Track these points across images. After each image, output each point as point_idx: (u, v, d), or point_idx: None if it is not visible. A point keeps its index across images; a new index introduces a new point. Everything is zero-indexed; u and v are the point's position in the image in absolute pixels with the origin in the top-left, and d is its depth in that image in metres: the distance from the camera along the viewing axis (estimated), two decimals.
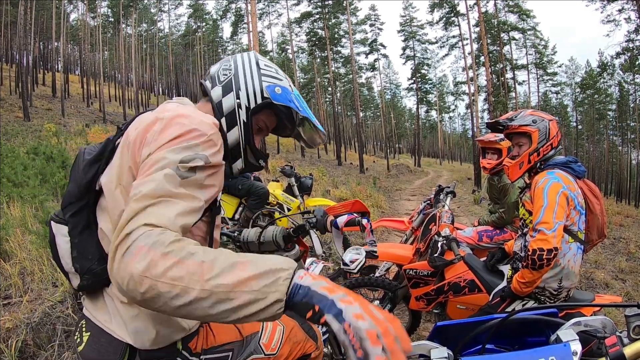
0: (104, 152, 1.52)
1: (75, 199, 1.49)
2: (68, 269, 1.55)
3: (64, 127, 24.33)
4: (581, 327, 1.18)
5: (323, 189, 15.42)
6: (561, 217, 2.69)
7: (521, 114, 3.09)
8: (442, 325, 1.34)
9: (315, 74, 53.37)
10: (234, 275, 1.01)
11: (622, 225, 19.44)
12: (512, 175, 3.18)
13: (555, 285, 2.86)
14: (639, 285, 9.29)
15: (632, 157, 59.26)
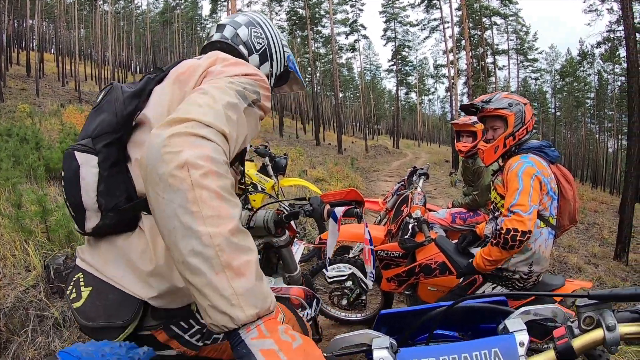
0: (145, 89, 1.49)
1: (112, 129, 1.42)
2: (89, 204, 1.42)
3: (39, 108, 23.76)
4: (530, 316, 1.15)
5: (300, 169, 15.36)
6: (536, 201, 2.69)
7: (496, 96, 3.06)
8: (386, 313, 1.28)
9: (295, 54, 52.80)
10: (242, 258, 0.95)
11: (597, 211, 19.75)
12: (486, 159, 3.16)
13: (525, 270, 2.88)
14: (610, 270, 9.44)
15: (609, 145, 60.13)
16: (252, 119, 1.28)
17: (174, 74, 1.47)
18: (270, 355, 0.88)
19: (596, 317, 1.06)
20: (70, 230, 4.69)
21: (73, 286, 1.48)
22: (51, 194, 7.07)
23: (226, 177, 1.00)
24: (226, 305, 0.91)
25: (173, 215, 0.94)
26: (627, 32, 11.49)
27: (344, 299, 4.18)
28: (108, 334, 1.37)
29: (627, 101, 11.59)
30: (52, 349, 3.44)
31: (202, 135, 1.00)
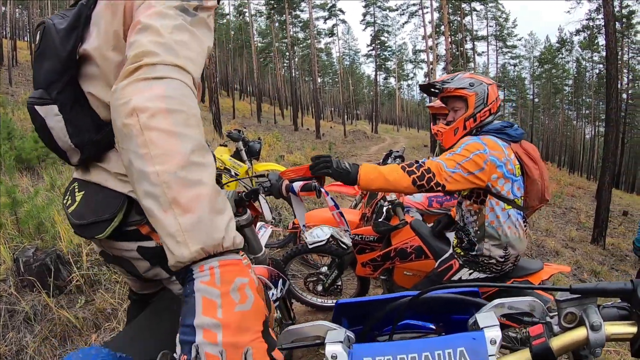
0: (80, 19, 1.41)
1: (58, 74, 1.41)
2: (67, 147, 1.50)
3: (12, 97, 23.23)
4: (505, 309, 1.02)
5: (277, 154, 15.29)
6: (467, 169, 2.57)
7: (458, 76, 2.92)
8: (343, 303, 1.18)
9: (274, 39, 52.59)
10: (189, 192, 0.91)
11: (574, 195, 20.03)
12: (445, 142, 3.01)
13: (501, 253, 2.79)
14: (588, 254, 9.56)
15: (586, 131, 61.06)
16: (202, 26, 1.22)
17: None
18: (210, 307, 0.85)
19: (579, 314, 0.94)
20: (40, 222, 4.60)
21: (69, 195, 1.61)
22: (22, 185, 6.95)
23: (181, 111, 0.97)
24: (173, 243, 0.89)
25: (129, 163, 0.94)
26: (606, 20, 11.58)
27: (319, 284, 4.14)
28: (97, 228, 1.45)
29: (606, 88, 11.71)
30: (24, 344, 3.37)
31: (153, 77, 0.98)
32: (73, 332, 3.53)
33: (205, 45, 1.20)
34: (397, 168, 2.56)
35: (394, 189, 2.60)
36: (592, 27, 38.32)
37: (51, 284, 3.76)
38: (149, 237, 1.55)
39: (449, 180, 2.55)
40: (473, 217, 2.86)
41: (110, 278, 4.12)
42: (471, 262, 2.91)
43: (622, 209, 18.08)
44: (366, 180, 2.52)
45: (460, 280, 2.95)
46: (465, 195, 2.90)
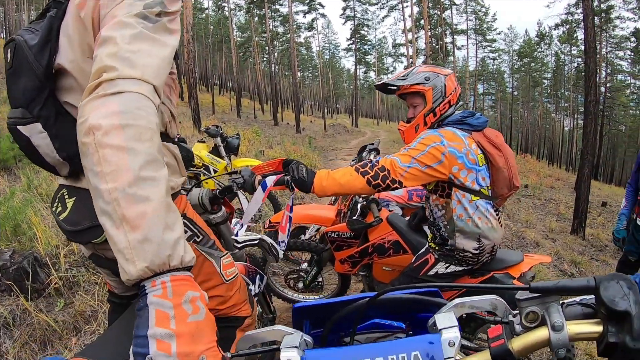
0: (51, 32, 1.39)
1: (37, 91, 1.39)
2: (55, 162, 1.50)
3: None
4: (465, 309, 1.00)
5: (257, 150, 15.22)
6: (424, 162, 2.54)
7: (413, 71, 2.87)
8: (300, 307, 1.18)
9: (253, 33, 52.26)
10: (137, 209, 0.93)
11: (553, 187, 20.18)
12: (407, 140, 2.93)
13: (475, 245, 2.75)
14: (568, 244, 9.64)
15: (565, 124, 61.67)
16: (163, 31, 1.22)
17: (73, 8, 1.36)
18: (162, 319, 0.86)
19: (541, 313, 0.90)
20: (17, 224, 4.52)
21: (58, 201, 1.61)
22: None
23: (133, 124, 0.98)
24: (122, 260, 0.92)
25: (88, 180, 0.97)
26: (585, 14, 11.66)
27: (300, 281, 4.13)
28: (93, 233, 1.47)
29: (584, 81, 11.81)
30: (3, 350, 3.32)
31: (111, 93, 1.00)
32: (53, 336, 3.49)
33: (167, 51, 1.20)
34: (351, 170, 2.56)
35: (350, 192, 2.60)
36: (571, 21, 38.75)
37: (29, 287, 3.72)
38: None
39: (404, 175, 2.53)
40: (441, 212, 2.83)
41: (90, 279, 4.08)
42: (446, 255, 2.88)
43: (600, 199, 18.25)
44: (320, 187, 2.52)
45: (437, 274, 2.92)
46: (431, 189, 2.87)
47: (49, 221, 5.14)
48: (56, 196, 1.65)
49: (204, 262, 1.81)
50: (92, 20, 1.29)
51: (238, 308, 1.99)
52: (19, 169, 8.54)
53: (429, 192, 2.90)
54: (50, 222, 5.11)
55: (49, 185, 6.79)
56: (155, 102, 1.09)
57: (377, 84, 3.05)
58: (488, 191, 2.77)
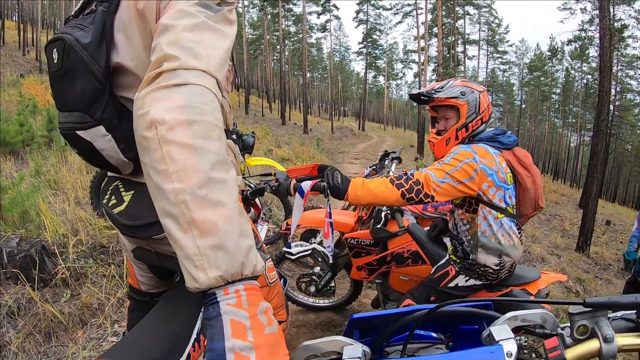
0: (105, 29, 1.28)
1: (99, 93, 1.29)
2: (120, 164, 1.42)
3: None
4: (518, 322, 1.06)
5: (265, 148, 15.24)
6: (456, 178, 2.53)
7: (449, 84, 2.84)
8: (358, 317, 1.19)
9: (265, 31, 52.55)
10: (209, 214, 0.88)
11: (558, 203, 20.25)
12: (437, 152, 2.93)
13: (496, 261, 2.75)
14: (572, 261, 9.65)
15: (571, 140, 61.77)
16: (224, 22, 1.17)
17: (128, 1, 1.27)
18: (239, 329, 0.83)
19: (591, 326, 0.97)
20: (25, 210, 4.47)
21: (111, 193, 1.54)
22: (6, 169, 6.80)
23: (200, 121, 0.93)
24: (191, 267, 0.87)
25: (148, 177, 0.93)
26: (602, 33, 11.64)
27: (312, 285, 4.09)
28: (156, 229, 1.41)
29: (598, 100, 11.80)
30: (7, 340, 3.27)
31: (173, 84, 0.95)
32: (58, 327, 3.44)
33: (228, 42, 1.14)
34: (386, 182, 2.53)
35: (383, 203, 2.57)
36: (584, 37, 38.77)
37: (36, 276, 3.66)
38: None
39: (437, 190, 2.52)
40: (466, 226, 2.81)
41: (97, 271, 4.02)
42: (467, 269, 2.87)
43: (605, 218, 18.34)
44: (354, 196, 2.51)
45: (457, 287, 2.90)
46: (457, 203, 2.85)
47: (56, 209, 5.10)
48: (107, 188, 1.59)
49: None
50: (154, 11, 1.21)
51: (275, 312, 1.93)
52: (27, 153, 8.52)
53: (455, 206, 2.88)
54: (58, 210, 5.07)
55: (57, 172, 6.76)
56: (219, 96, 1.03)
57: (412, 93, 3.02)
58: (513, 210, 2.76)
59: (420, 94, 2.92)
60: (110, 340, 3.41)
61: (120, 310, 3.70)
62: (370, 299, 4.54)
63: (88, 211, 5.26)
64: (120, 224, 1.48)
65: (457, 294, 2.89)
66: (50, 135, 9.37)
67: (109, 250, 4.32)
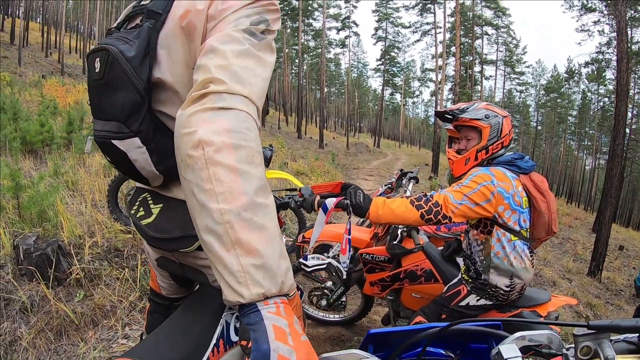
0: (150, 44, 1.32)
1: (139, 106, 1.32)
2: (151, 175, 1.47)
3: (20, 77, 23.35)
4: (525, 341, 1.11)
5: (281, 161, 15.30)
6: (474, 200, 2.60)
7: (474, 106, 2.92)
8: (375, 332, 1.26)
9: (284, 44, 52.86)
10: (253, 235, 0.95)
11: (571, 226, 20.07)
12: (455, 171, 3.00)
13: (507, 282, 2.78)
14: (584, 286, 9.57)
15: (587, 162, 61.35)
16: (267, 50, 1.23)
17: (174, 20, 1.32)
18: (281, 334, 0.89)
19: (594, 347, 1.02)
20: (42, 209, 4.54)
21: (140, 205, 1.61)
22: (25, 168, 6.89)
23: (246, 146, 1.00)
24: (234, 282, 0.93)
25: (191, 194, 0.99)
26: (619, 56, 11.62)
27: (324, 299, 4.11)
28: (184, 243, 1.46)
29: (614, 124, 11.76)
30: (18, 335, 3.31)
31: (219, 107, 1.01)
32: (70, 326, 3.47)
33: (268, 71, 1.20)
34: (406, 202, 2.61)
35: (403, 223, 2.65)
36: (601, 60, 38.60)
37: (51, 275, 3.70)
38: None
39: (455, 212, 2.58)
40: (479, 247, 2.85)
41: (111, 274, 4.06)
42: (478, 289, 2.90)
43: (618, 243, 18.16)
44: (375, 214, 2.59)
45: (468, 306, 2.94)
46: (472, 224, 2.90)
47: (73, 210, 5.16)
48: (136, 199, 1.65)
49: None
50: (201, 32, 1.27)
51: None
52: (46, 153, 8.62)
53: (470, 227, 2.93)
54: (75, 211, 5.13)
55: (75, 174, 6.82)
56: (258, 124, 1.10)
57: (437, 110, 3.09)
58: (527, 233, 2.80)
59: (446, 112, 2.99)
60: (121, 342, 3.44)
61: (132, 314, 3.74)
62: (380, 316, 4.55)
63: (105, 214, 5.32)
64: (147, 235, 1.53)
65: (468, 312, 2.93)
66: (69, 137, 9.47)
67: (123, 254, 4.37)
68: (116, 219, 5.28)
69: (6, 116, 9.16)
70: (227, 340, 1.84)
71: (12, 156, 6.84)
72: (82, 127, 10.50)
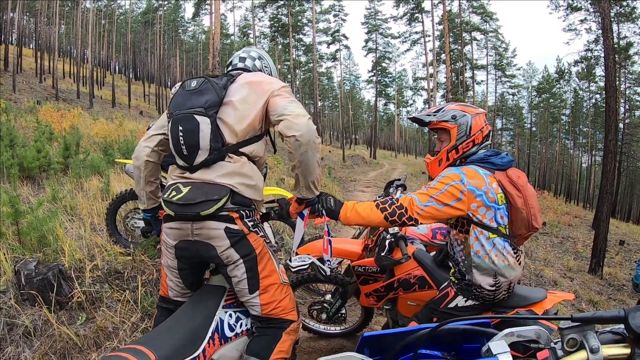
0: (227, 85, 2.50)
1: (216, 105, 2.41)
2: (204, 146, 2.38)
3: (15, 104, 23.31)
4: (514, 337, 1.17)
5: (277, 177, 15.30)
6: (441, 201, 2.66)
7: (443, 108, 3.00)
8: (369, 336, 1.32)
9: (276, 61, 52.86)
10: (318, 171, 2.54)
11: (571, 225, 20.02)
12: (431, 172, 3.11)
13: (490, 281, 2.78)
14: (585, 283, 9.55)
15: (583, 160, 61.29)
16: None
17: (245, 80, 2.57)
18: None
19: (579, 339, 1.10)
20: (42, 234, 4.57)
21: (172, 190, 2.41)
22: (24, 194, 6.91)
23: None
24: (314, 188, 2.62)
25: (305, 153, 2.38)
26: (606, 53, 11.71)
27: (324, 312, 4.15)
28: (205, 206, 2.26)
29: (605, 120, 11.82)
30: (22, 359, 3.33)
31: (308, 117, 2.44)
32: (73, 349, 3.49)
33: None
34: (372, 205, 2.78)
35: (369, 224, 2.87)
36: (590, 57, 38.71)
37: (52, 299, 3.72)
38: (235, 221, 2.35)
39: (421, 214, 2.68)
40: (460, 247, 2.89)
41: (112, 296, 4.07)
42: (464, 290, 2.93)
43: (618, 238, 18.12)
44: (344, 217, 2.82)
45: (457, 307, 2.96)
46: (452, 224, 2.95)
47: (72, 234, 5.18)
48: (170, 187, 2.44)
49: (269, 259, 2.55)
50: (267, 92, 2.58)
51: (287, 312, 2.56)
52: (44, 179, 8.65)
53: (450, 227, 2.98)
54: (75, 235, 5.16)
55: (73, 199, 6.86)
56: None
57: (410, 116, 3.20)
58: (506, 230, 2.82)
59: (415, 118, 3.14)
60: None
61: (134, 335, 3.75)
62: (380, 325, 4.57)
63: (104, 237, 5.35)
64: (176, 205, 2.31)
65: (458, 314, 2.94)
66: (66, 162, 9.58)
67: (124, 276, 4.38)
68: (115, 242, 5.31)
69: (3, 143, 9.19)
70: (221, 335, 2.37)
71: (11, 183, 6.86)
72: (78, 151, 10.57)
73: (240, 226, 2.36)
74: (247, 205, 2.44)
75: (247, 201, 2.43)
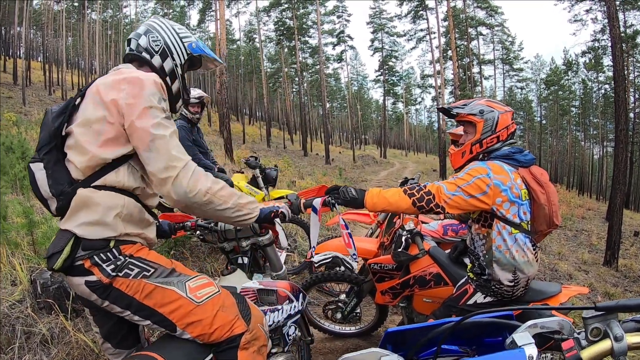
0: (67, 108, 2.02)
1: (46, 142, 2.00)
2: (47, 195, 2.01)
3: (25, 117, 23.54)
4: (537, 329, 1.17)
5: (288, 180, 15.35)
6: (468, 192, 2.70)
7: (473, 102, 3.05)
8: (393, 331, 1.32)
9: (283, 64, 53.13)
10: (243, 200, 2.15)
11: (584, 217, 19.84)
12: (453, 163, 3.17)
13: (510, 277, 2.81)
14: (601, 276, 9.47)
15: (594, 152, 60.82)
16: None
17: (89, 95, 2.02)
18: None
19: (603, 328, 1.10)
20: None
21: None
22: (37, 205, 6.97)
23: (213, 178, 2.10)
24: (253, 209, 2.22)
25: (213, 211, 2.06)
26: (613, 42, 11.62)
27: (338, 312, 4.15)
28: (53, 260, 1.90)
29: (614, 110, 11.73)
30: None
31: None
32: (90, 355, 3.52)
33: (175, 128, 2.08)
34: (399, 191, 2.79)
35: (397, 210, 2.84)
36: (597, 48, 38.45)
37: (69, 307, 3.77)
38: (90, 271, 1.90)
39: (448, 202, 2.71)
40: (482, 241, 2.91)
41: None
42: (483, 286, 2.95)
43: (633, 229, 17.93)
44: (371, 203, 2.82)
45: (476, 304, 2.98)
46: (474, 218, 2.98)
47: None
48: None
49: (163, 292, 1.97)
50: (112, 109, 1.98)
51: (228, 328, 2.05)
52: None
53: (472, 221, 3.00)
54: None
55: None
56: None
57: (440, 106, 3.22)
58: (528, 226, 2.85)
59: (444, 108, 3.18)
60: None
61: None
62: (395, 324, 4.56)
63: None
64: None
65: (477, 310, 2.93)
66: None
67: None
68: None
69: (15, 155, 9.27)
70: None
71: (24, 194, 6.93)
72: None
73: (98, 276, 1.89)
74: (101, 248, 1.91)
75: (97, 243, 1.91)
